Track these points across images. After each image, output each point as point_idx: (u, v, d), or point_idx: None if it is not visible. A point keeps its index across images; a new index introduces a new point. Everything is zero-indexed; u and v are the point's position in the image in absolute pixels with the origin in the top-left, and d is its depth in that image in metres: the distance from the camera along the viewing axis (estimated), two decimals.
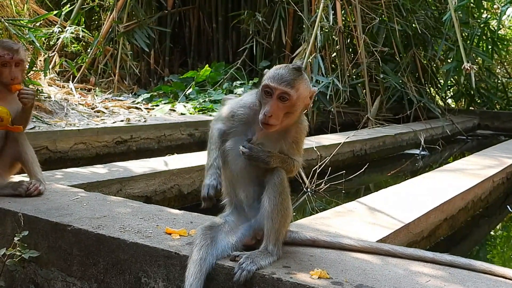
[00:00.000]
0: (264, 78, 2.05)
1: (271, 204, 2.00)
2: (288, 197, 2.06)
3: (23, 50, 3.02)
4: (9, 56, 2.88)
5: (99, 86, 8.94)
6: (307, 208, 4.50)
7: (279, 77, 1.99)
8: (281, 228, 2.03)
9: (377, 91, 8.59)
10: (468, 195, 4.10)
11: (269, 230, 2.01)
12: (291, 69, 2.03)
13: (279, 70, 2.03)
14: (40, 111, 5.97)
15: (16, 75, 2.91)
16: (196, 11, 11.03)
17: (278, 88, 1.97)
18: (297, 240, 2.22)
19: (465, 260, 2.07)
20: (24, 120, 3.01)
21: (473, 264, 2.05)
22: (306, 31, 8.05)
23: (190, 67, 10.67)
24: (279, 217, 2.00)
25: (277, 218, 2.00)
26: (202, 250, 1.95)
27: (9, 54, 2.88)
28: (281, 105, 1.98)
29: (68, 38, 8.49)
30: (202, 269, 1.91)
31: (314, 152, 5.37)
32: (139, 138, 6.03)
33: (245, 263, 1.90)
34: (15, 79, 2.90)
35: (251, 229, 2.10)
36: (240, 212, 2.16)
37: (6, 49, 2.88)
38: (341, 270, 1.94)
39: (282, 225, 2.03)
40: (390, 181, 5.53)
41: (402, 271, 1.95)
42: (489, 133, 9.94)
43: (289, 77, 2.00)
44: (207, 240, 1.99)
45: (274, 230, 2.01)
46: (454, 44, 8.02)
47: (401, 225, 2.95)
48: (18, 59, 2.91)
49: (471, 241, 4.08)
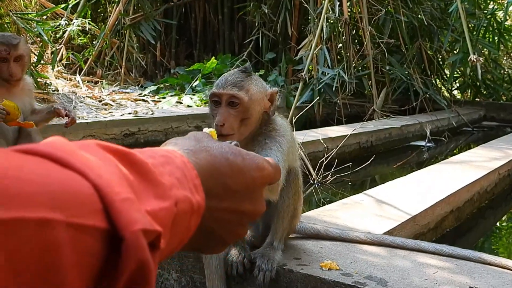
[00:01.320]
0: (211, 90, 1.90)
1: (284, 205, 1.96)
2: (300, 195, 2.04)
3: (24, 45, 2.94)
4: (6, 52, 2.78)
5: (105, 78, 8.98)
6: (314, 200, 4.55)
7: (223, 82, 1.83)
8: (288, 226, 2.03)
9: (383, 82, 8.60)
10: (474, 187, 4.13)
11: (276, 229, 1.99)
12: (237, 72, 1.87)
13: (225, 75, 1.88)
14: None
15: (14, 71, 2.82)
16: (201, 3, 11.04)
17: (224, 93, 1.80)
18: (301, 231, 2.25)
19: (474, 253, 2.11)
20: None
21: (483, 257, 2.09)
22: (312, 22, 8.06)
23: (196, 59, 10.70)
24: (289, 217, 1.99)
25: (287, 218, 1.99)
26: (213, 258, 1.94)
27: (6, 50, 2.78)
28: (233, 111, 1.80)
29: (74, 31, 8.54)
30: (221, 275, 1.93)
31: (321, 144, 5.42)
32: (146, 130, 6.09)
33: (263, 264, 1.89)
34: (13, 75, 2.83)
35: (261, 231, 2.10)
36: None
37: (4, 44, 2.79)
38: (350, 261, 1.98)
39: (290, 223, 2.03)
40: (396, 173, 5.57)
41: (409, 263, 2.00)
42: (495, 124, 9.92)
43: (235, 79, 1.83)
44: None
45: (282, 229, 2.00)
46: (460, 36, 8.01)
47: (408, 217, 2.98)
48: (16, 55, 2.82)
49: (477, 233, 4.11)
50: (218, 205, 0.66)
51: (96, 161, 0.48)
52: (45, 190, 0.41)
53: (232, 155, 0.69)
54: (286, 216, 1.98)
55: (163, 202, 0.53)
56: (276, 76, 8.67)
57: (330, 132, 6.07)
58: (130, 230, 0.45)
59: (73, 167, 0.45)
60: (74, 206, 0.42)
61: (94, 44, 9.34)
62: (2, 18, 6.17)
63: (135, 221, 0.46)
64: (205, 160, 0.66)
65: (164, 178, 0.56)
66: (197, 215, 0.60)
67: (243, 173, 0.69)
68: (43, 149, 0.45)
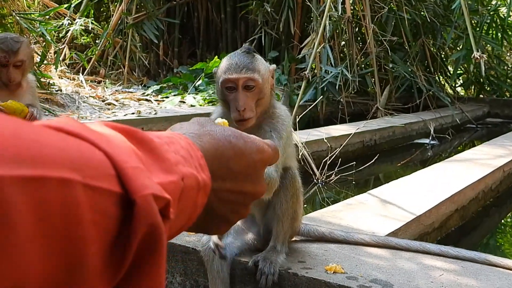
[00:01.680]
0: (218, 75, 1.86)
1: (282, 209, 1.95)
2: (299, 197, 2.02)
3: (26, 48, 2.91)
4: (5, 59, 2.79)
5: (109, 78, 8.99)
6: (318, 200, 4.54)
7: (236, 66, 1.80)
8: (289, 229, 2.01)
9: (386, 80, 8.59)
10: (479, 185, 4.12)
11: (278, 232, 1.98)
12: (243, 54, 1.84)
13: (232, 59, 1.83)
14: (52, 105, 6.04)
15: (13, 76, 2.82)
16: (204, 1, 11.03)
17: (241, 77, 1.79)
18: (305, 233, 2.24)
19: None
20: None
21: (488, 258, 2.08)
22: (315, 21, 8.04)
23: (199, 58, 10.70)
24: (289, 220, 1.97)
25: (287, 221, 1.97)
26: (215, 263, 1.94)
27: (6, 57, 2.78)
28: (249, 94, 1.81)
29: (77, 30, 8.55)
30: (224, 280, 1.93)
31: (324, 143, 5.41)
32: (150, 130, 6.07)
33: (265, 267, 1.87)
34: (12, 80, 2.83)
35: (262, 235, 2.09)
36: (247, 218, 2.09)
37: (4, 51, 2.79)
38: (355, 264, 1.98)
39: (291, 226, 2.02)
40: (400, 171, 5.56)
41: (415, 265, 1.99)
42: (499, 121, 9.90)
43: (246, 62, 1.81)
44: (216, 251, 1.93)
45: (283, 232, 1.98)
46: (464, 32, 7.99)
47: (413, 217, 2.97)
48: (15, 60, 2.81)
49: (481, 231, 4.10)
50: (222, 186, 0.69)
51: (106, 135, 0.51)
52: (63, 154, 0.43)
53: (234, 138, 0.72)
54: (285, 219, 1.96)
55: (171, 176, 0.56)
56: (279, 74, 8.66)
57: (333, 131, 6.06)
58: (141, 194, 0.47)
59: (86, 138, 0.47)
60: (90, 169, 0.45)
61: (97, 43, 9.35)
62: (5, 18, 6.18)
63: (146, 186, 0.48)
64: (209, 144, 0.69)
65: (170, 155, 0.58)
66: (204, 193, 0.63)
67: (245, 156, 0.72)
68: (55, 123, 0.47)
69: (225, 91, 1.83)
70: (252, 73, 1.80)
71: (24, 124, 0.43)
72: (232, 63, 1.82)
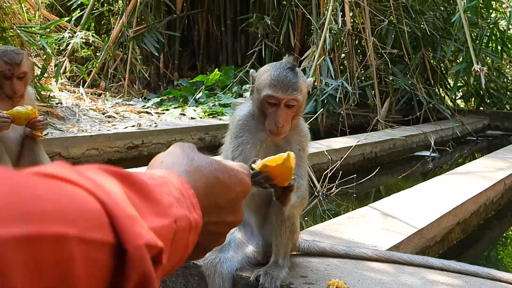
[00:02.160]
0: (260, 84, 1.88)
1: (278, 221, 1.95)
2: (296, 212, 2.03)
3: (27, 60, 2.97)
4: (10, 71, 2.83)
5: (109, 90, 9.00)
6: (319, 213, 4.52)
7: (283, 86, 1.82)
8: (289, 242, 2.00)
9: (387, 93, 8.59)
10: (480, 198, 4.10)
11: (278, 246, 1.97)
12: (288, 71, 1.85)
13: (278, 75, 1.84)
14: (53, 117, 6.03)
15: (17, 88, 2.86)
16: (204, 14, 11.08)
17: (285, 98, 1.82)
18: (305, 249, 2.23)
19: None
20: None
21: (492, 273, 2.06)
22: (315, 33, 8.07)
23: (199, 71, 10.72)
24: (287, 233, 1.97)
25: (286, 234, 1.96)
26: (216, 277, 1.91)
27: (10, 69, 2.82)
28: (289, 111, 1.86)
29: (78, 43, 8.57)
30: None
31: (325, 156, 5.39)
32: (150, 143, 6.08)
33: (266, 282, 1.86)
34: (17, 92, 2.87)
35: (261, 247, 2.08)
36: (247, 230, 2.10)
37: (8, 64, 2.83)
38: (358, 279, 1.96)
39: (291, 239, 2.01)
40: (401, 184, 5.54)
41: (418, 280, 1.97)
42: (499, 133, 9.89)
43: (292, 81, 1.83)
44: (217, 266, 1.93)
45: (283, 245, 1.97)
46: (464, 45, 8.02)
47: (415, 231, 2.95)
48: (19, 72, 2.86)
49: (483, 245, 4.08)
50: (209, 220, 0.73)
51: (100, 181, 0.51)
52: (58, 207, 0.44)
53: (221, 173, 0.76)
54: (284, 232, 1.96)
55: (164, 220, 0.57)
56: None
57: (334, 144, 6.05)
58: (134, 245, 0.49)
59: (81, 186, 0.48)
60: (85, 221, 0.46)
61: (98, 56, 9.36)
62: (6, 32, 6.20)
63: (139, 236, 0.50)
64: (200, 181, 0.73)
65: (164, 197, 0.60)
66: (195, 232, 0.65)
67: (230, 190, 0.77)
68: (50, 171, 0.48)
69: (265, 104, 1.86)
70: (296, 93, 1.83)
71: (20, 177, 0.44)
72: (278, 80, 1.83)
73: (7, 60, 2.84)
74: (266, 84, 1.85)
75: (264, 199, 1.99)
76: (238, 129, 1.95)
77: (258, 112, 1.91)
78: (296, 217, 2.02)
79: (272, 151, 1.85)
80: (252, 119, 1.96)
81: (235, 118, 2.00)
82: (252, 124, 1.95)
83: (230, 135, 1.99)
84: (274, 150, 1.87)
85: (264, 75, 1.89)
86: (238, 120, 1.97)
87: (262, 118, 1.90)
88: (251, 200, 2.04)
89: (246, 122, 1.96)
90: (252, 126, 1.95)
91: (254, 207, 2.04)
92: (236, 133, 1.95)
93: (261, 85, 1.87)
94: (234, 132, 1.96)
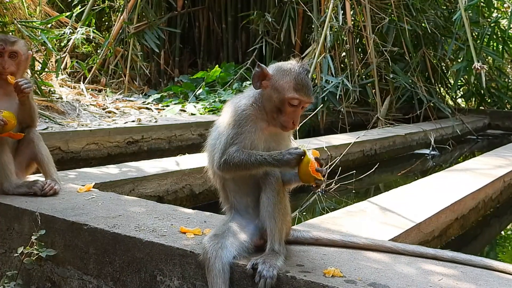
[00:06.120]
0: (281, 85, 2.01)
1: (270, 204, 2.00)
2: (286, 195, 2.08)
3: (22, 45, 3.06)
4: (1, 46, 2.92)
5: (109, 86, 9.00)
6: (318, 208, 4.52)
7: (306, 90, 2.01)
8: (283, 226, 2.03)
9: (387, 91, 8.59)
10: (479, 195, 4.11)
11: (272, 230, 2.00)
12: (307, 75, 2.05)
13: (303, 81, 2.01)
14: (53, 112, 6.03)
15: (7, 65, 2.93)
16: (205, 11, 11.09)
17: (308, 101, 2.04)
18: (299, 239, 2.24)
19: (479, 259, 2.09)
20: (28, 115, 3.02)
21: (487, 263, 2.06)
22: (316, 31, 8.07)
23: (200, 68, 10.73)
24: (280, 215, 2.00)
25: (278, 216, 2.00)
26: (217, 262, 1.93)
27: (1, 44, 2.92)
28: (302, 111, 2.06)
29: (79, 39, 8.58)
30: (225, 280, 1.93)
31: (324, 152, 5.39)
32: (150, 138, 6.08)
33: (264, 270, 1.87)
34: (6, 68, 2.92)
35: (258, 230, 2.10)
36: (243, 215, 2.14)
37: (1, 40, 2.95)
38: (354, 268, 1.96)
39: (284, 222, 2.04)
40: (400, 181, 5.54)
41: (414, 270, 1.98)
42: (500, 132, 9.89)
43: (311, 86, 2.05)
44: (218, 251, 1.96)
45: (277, 229, 2.00)
46: (464, 44, 8.01)
47: (412, 225, 2.96)
48: (10, 50, 2.95)
49: (482, 241, 4.08)
50: None
51: None
52: None
53: None
54: (277, 215, 2.00)
55: None
56: None
57: (333, 140, 6.05)
58: None
59: None
60: None
61: (98, 52, 9.37)
62: (7, 26, 6.19)
63: None
64: None
65: None
66: None
67: None
68: None
69: (286, 103, 2.00)
70: (313, 97, 2.10)
71: None
72: (304, 85, 2.01)
73: (1, 37, 3.01)
74: (291, 87, 2.00)
75: (256, 182, 2.06)
76: (243, 118, 2.03)
77: (269, 106, 2.03)
78: (287, 199, 2.07)
79: (268, 138, 2.06)
80: (254, 109, 2.05)
81: (239, 107, 2.07)
82: (255, 114, 2.05)
83: (230, 122, 2.05)
84: (270, 137, 2.07)
85: (286, 77, 2.02)
86: (243, 110, 2.05)
87: (273, 112, 2.03)
88: (243, 184, 2.10)
89: (251, 112, 2.05)
90: (255, 116, 2.04)
91: (248, 191, 2.10)
92: (240, 121, 2.03)
93: (284, 86, 2.00)
94: (237, 120, 2.04)
